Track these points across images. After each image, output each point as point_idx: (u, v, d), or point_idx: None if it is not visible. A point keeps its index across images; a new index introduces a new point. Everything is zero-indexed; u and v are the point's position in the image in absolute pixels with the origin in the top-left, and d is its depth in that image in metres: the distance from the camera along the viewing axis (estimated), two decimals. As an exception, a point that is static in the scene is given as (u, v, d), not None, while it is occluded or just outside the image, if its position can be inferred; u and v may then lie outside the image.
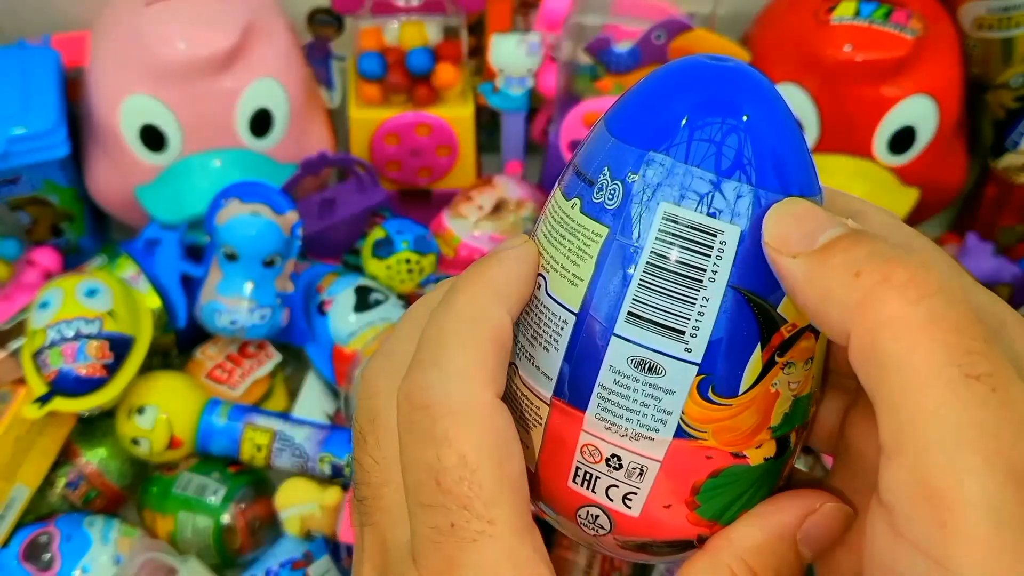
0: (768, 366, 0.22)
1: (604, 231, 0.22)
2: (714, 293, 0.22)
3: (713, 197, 0.22)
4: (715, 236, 0.21)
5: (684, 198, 0.22)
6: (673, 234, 0.22)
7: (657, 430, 0.23)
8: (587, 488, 0.24)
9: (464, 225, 0.74)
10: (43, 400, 0.60)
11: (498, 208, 0.75)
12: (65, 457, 0.65)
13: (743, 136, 0.22)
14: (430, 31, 0.73)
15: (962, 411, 0.18)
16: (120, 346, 0.63)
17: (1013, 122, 0.76)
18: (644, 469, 0.23)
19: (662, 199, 0.22)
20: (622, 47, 0.70)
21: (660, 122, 0.22)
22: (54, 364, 0.61)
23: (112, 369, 0.62)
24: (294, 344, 0.71)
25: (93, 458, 0.66)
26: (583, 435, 0.23)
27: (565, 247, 0.23)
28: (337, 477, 0.64)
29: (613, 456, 0.23)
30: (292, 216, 0.66)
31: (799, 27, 0.70)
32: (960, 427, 0.18)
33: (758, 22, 0.76)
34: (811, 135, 0.71)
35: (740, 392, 0.22)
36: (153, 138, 0.69)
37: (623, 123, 0.23)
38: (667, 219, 0.22)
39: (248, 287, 0.65)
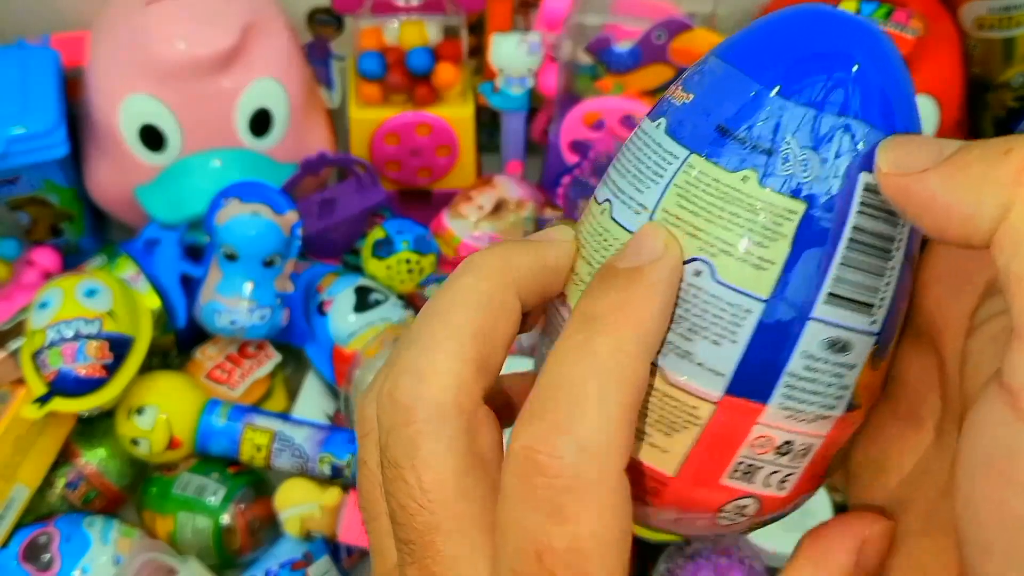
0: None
1: (799, 207, 0.20)
2: (898, 261, 0.21)
3: None
4: None
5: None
6: (872, 205, 0.20)
7: (834, 407, 0.21)
8: (744, 481, 0.22)
9: (464, 225, 0.74)
10: (42, 400, 0.60)
11: (498, 208, 0.75)
12: (65, 457, 0.65)
13: (909, 100, 0.21)
14: (430, 31, 0.73)
15: None
16: (120, 346, 0.63)
17: (1014, 122, 0.75)
18: (809, 448, 0.22)
19: (860, 169, 0.20)
20: (622, 47, 0.70)
21: (858, 85, 0.20)
22: (53, 364, 0.60)
23: (111, 369, 0.62)
24: (294, 344, 0.71)
25: (93, 458, 0.66)
26: (757, 428, 0.21)
27: (741, 226, 0.20)
28: (337, 477, 0.64)
29: (785, 443, 0.21)
30: (292, 216, 0.66)
31: (800, 27, 0.70)
32: None
33: (758, 22, 0.76)
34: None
35: (888, 354, 0.22)
36: (153, 138, 0.69)
37: (798, 82, 0.20)
38: (867, 190, 0.20)
39: (248, 287, 0.65)
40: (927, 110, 0.69)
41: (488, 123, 0.81)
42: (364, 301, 0.69)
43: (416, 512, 0.20)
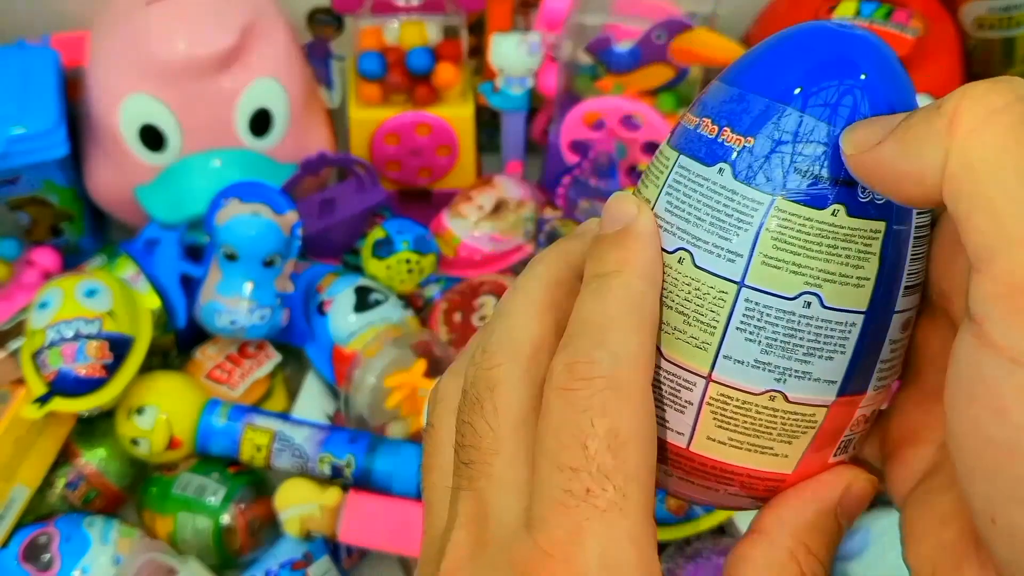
0: None
1: (881, 225, 0.22)
2: (925, 242, 0.24)
3: None
4: None
5: None
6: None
7: (897, 374, 0.25)
8: (844, 453, 0.25)
9: (464, 225, 0.74)
10: (42, 400, 0.60)
11: (498, 208, 0.75)
12: (64, 457, 0.65)
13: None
14: (430, 31, 0.73)
15: None
16: (119, 346, 0.63)
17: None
18: (880, 412, 0.26)
19: None
20: (622, 47, 0.70)
21: (868, 95, 0.22)
22: (53, 364, 0.60)
23: (111, 369, 0.62)
24: (294, 344, 0.71)
25: (93, 458, 0.66)
26: (859, 411, 0.24)
27: (839, 256, 0.22)
28: (337, 477, 0.64)
29: (873, 412, 0.25)
30: (292, 216, 0.66)
31: (800, 27, 0.70)
32: None
33: (759, 22, 0.76)
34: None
35: None
36: (153, 138, 0.69)
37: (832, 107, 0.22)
38: None
39: (248, 287, 0.65)
40: (927, 110, 0.69)
41: (488, 123, 0.81)
42: (364, 301, 0.69)
43: (485, 433, 0.23)
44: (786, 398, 0.23)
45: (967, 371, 0.19)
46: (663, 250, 0.23)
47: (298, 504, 0.63)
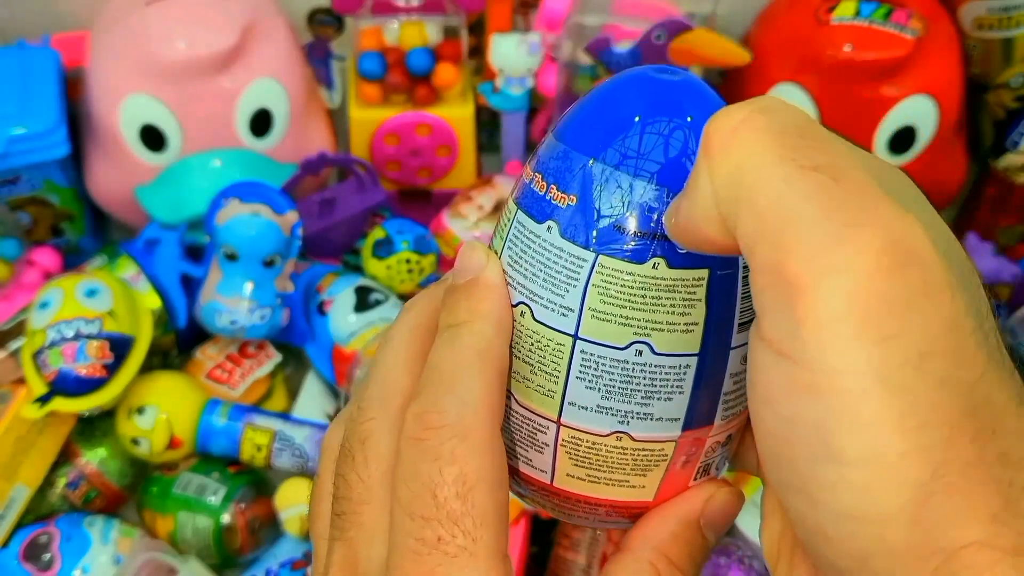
0: None
1: (704, 273, 0.23)
2: None
3: None
4: None
5: None
6: None
7: (744, 398, 0.25)
8: (705, 475, 0.26)
9: (464, 225, 0.74)
10: (43, 400, 0.60)
11: (498, 208, 0.75)
12: (65, 457, 0.65)
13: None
14: (430, 31, 0.73)
15: (802, 199, 0.18)
16: (120, 346, 0.63)
17: (1013, 122, 0.76)
18: (737, 432, 0.26)
19: None
20: (622, 47, 0.70)
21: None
22: (54, 364, 0.61)
23: (112, 369, 0.62)
24: (294, 344, 0.71)
25: (93, 458, 0.66)
26: (709, 440, 0.25)
27: (664, 306, 0.23)
28: (337, 477, 0.64)
29: (728, 437, 0.26)
30: (292, 216, 0.66)
31: (799, 27, 0.70)
32: (801, 214, 0.18)
33: (758, 22, 0.76)
34: (811, 135, 0.71)
35: None
36: (153, 138, 0.69)
37: (667, 175, 0.23)
38: None
39: (248, 287, 0.65)
40: (926, 111, 0.69)
41: (488, 123, 0.81)
42: (364, 301, 0.70)
43: (355, 484, 0.24)
44: (632, 438, 0.24)
45: (751, 366, 0.20)
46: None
47: (298, 504, 0.63)
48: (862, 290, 0.17)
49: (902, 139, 0.70)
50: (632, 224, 0.22)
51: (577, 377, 0.23)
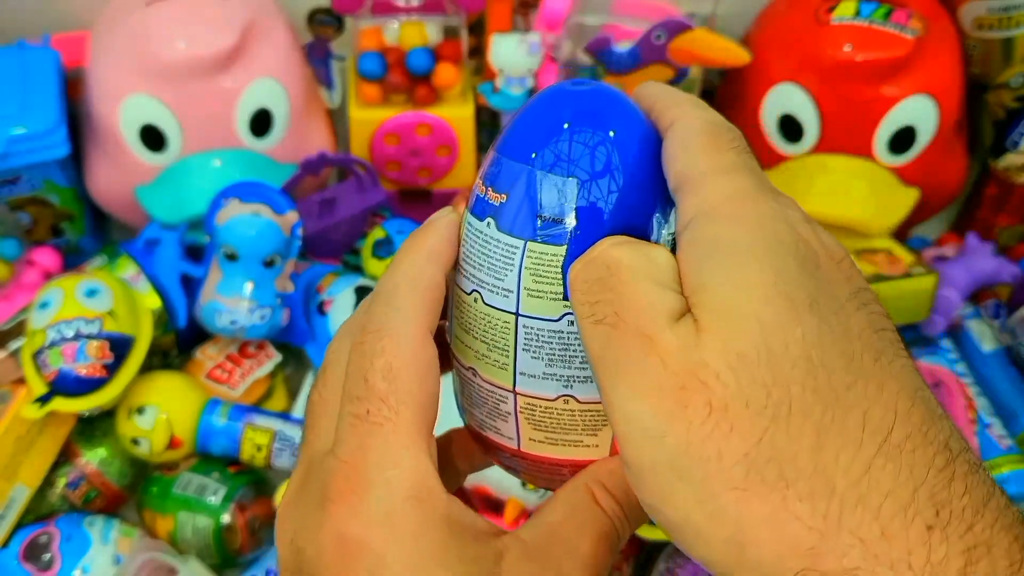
0: None
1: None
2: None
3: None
4: None
5: None
6: None
7: None
8: None
9: (464, 225, 0.74)
10: (43, 400, 0.60)
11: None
12: (65, 457, 0.65)
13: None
14: (430, 31, 0.73)
15: (594, 348, 0.24)
16: (120, 346, 0.63)
17: (1013, 122, 0.76)
18: None
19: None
20: (622, 47, 0.70)
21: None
22: (54, 364, 0.61)
23: (112, 369, 0.62)
24: (294, 344, 0.71)
25: (93, 458, 0.66)
26: None
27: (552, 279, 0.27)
28: (337, 477, 0.64)
29: None
30: (292, 216, 0.66)
31: (799, 27, 0.70)
32: (593, 358, 0.24)
33: (758, 22, 0.76)
34: (811, 135, 0.71)
35: None
36: (153, 138, 0.69)
37: (560, 164, 0.26)
38: None
39: (248, 287, 0.65)
40: (926, 111, 0.69)
41: (488, 123, 0.81)
42: (364, 301, 0.69)
43: (316, 403, 0.28)
44: (577, 400, 0.27)
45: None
46: (463, 290, 0.28)
47: (298, 504, 0.63)
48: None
49: (902, 139, 0.70)
50: (551, 212, 0.26)
51: (523, 349, 0.27)
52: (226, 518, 0.64)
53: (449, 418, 0.31)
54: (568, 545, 0.26)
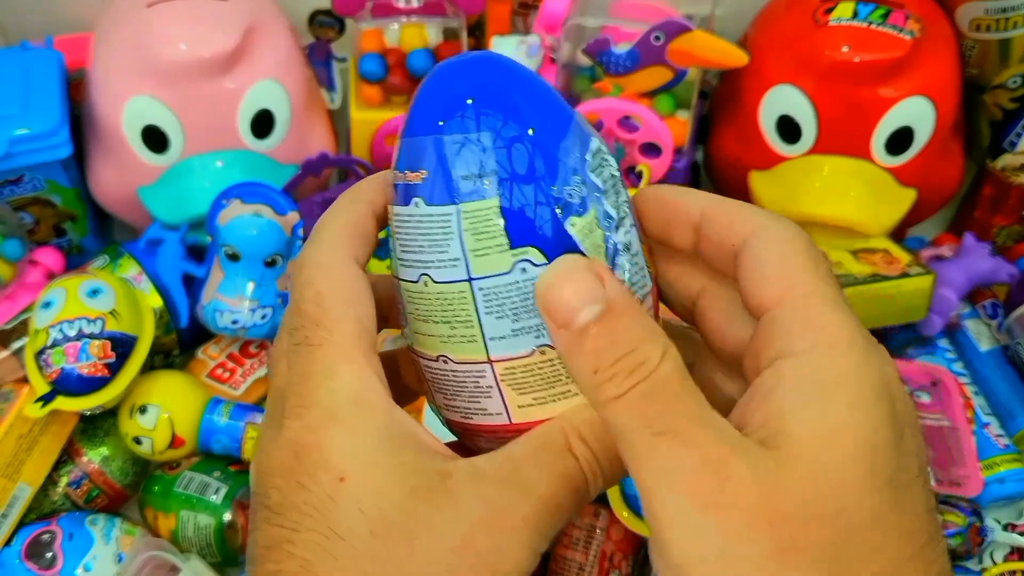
0: None
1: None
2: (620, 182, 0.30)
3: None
4: None
5: None
6: None
7: (646, 287, 0.29)
8: None
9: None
10: (45, 399, 0.61)
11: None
12: (67, 456, 0.66)
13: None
14: (430, 33, 0.74)
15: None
16: (122, 345, 0.63)
17: (1010, 123, 0.76)
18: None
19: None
20: (621, 48, 0.70)
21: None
22: (56, 363, 0.61)
23: (114, 368, 0.62)
24: (295, 344, 0.71)
25: (95, 457, 0.66)
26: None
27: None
28: (338, 476, 0.64)
29: None
30: (293, 216, 0.67)
31: (797, 28, 0.70)
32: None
33: (756, 23, 0.77)
34: (809, 136, 0.71)
35: None
36: (155, 139, 0.69)
37: (452, 125, 0.27)
38: None
39: (250, 287, 0.65)
40: (924, 112, 0.70)
41: (488, 124, 0.81)
42: (365, 301, 0.70)
43: (274, 353, 0.29)
44: (553, 348, 0.27)
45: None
46: (410, 281, 0.28)
47: (299, 502, 0.63)
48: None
49: (899, 140, 0.70)
50: (474, 169, 0.26)
51: (486, 313, 0.27)
52: (228, 516, 0.64)
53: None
54: (527, 481, 0.26)
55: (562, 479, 0.26)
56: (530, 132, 0.26)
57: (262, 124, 0.70)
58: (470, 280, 0.26)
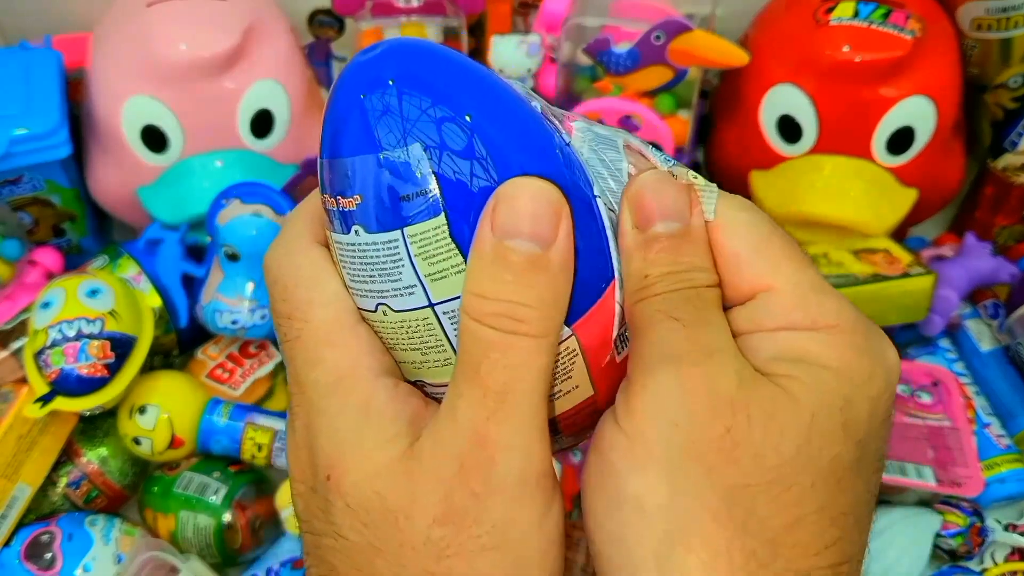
0: None
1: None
2: None
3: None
4: None
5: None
6: None
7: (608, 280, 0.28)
8: (625, 346, 0.27)
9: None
10: (45, 400, 0.61)
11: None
12: (67, 456, 0.66)
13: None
14: (430, 32, 0.74)
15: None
16: (122, 346, 0.63)
17: (1011, 122, 0.76)
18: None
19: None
20: (621, 48, 0.70)
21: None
22: (56, 364, 0.61)
23: (114, 369, 0.62)
24: (295, 344, 0.71)
25: (95, 457, 0.66)
26: (598, 317, 0.26)
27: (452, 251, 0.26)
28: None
29: (618, 305, 0.26)
30: (293, 216, 0.66)
31: (798, 28, 0.70)
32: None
33: (757, 23, 0.77)
34: (810, 135, 0.71)
35: None
36: (155, 139, 0.69)
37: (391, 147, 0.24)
38: None
39: (249, 287, 0.65)
40: (925, 111, 0.69)
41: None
42: (365, 301, 0.70)
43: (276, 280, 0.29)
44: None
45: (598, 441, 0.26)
46: (368, 311, 0.26)
47: (299, 503, 0.63)
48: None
49: (900, 140, 0.70)
50: (411, 188, 0.23)
51: (455, 335, 0.25)
52: (227, 517, 0.64)
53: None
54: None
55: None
56: (468, 138, 0.24)
57: (262, 124, 0.70)
58: (431, 306, 0.25)
